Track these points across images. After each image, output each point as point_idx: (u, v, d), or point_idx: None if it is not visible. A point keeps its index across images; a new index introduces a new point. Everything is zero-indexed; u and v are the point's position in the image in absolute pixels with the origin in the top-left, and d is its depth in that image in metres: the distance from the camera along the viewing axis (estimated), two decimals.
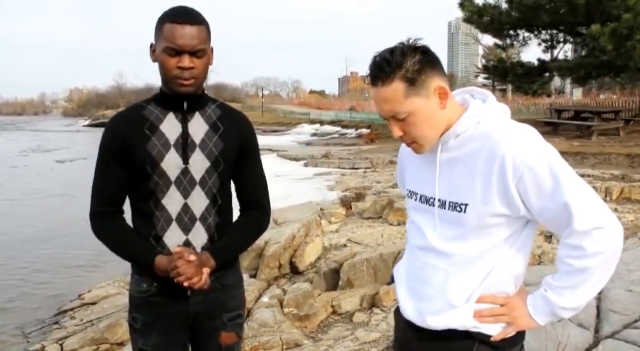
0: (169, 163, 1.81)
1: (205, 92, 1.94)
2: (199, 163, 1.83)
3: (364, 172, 14.46)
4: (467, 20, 21.68)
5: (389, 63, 1.39)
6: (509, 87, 36.54)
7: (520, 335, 1.54)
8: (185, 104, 1.85)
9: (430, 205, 1.54)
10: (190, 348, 2.01)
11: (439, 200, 1.50)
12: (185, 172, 1.82)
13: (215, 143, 1.86)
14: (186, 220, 1.84)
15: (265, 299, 5.21)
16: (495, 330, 1.50)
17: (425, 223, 1.56)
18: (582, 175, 8.24)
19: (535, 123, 18.11)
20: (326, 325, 4.88)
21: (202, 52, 1.76)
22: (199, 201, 1.84)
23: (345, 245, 6.88)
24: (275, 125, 43.25)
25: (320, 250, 6.82)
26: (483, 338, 1.50)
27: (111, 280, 5.90)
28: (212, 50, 1.84)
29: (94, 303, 5.51)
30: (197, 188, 1.84)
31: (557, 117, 19.74)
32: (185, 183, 1.83)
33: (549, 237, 6.50)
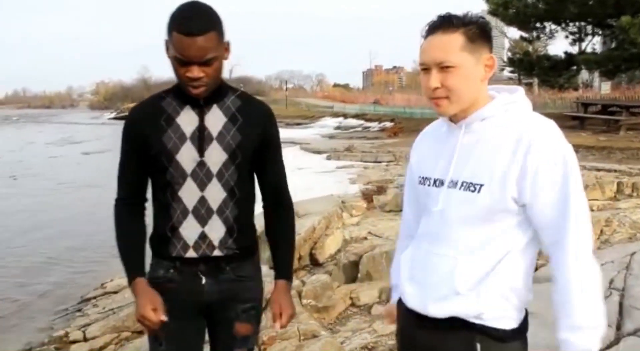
0: (185, 156, 1.81)
1: (225, 81, 1.90)
2: (216, 156, 1.82)
3: (387, 165, 14.42)
4: (492, 12, 21.44)
5: (457, 18, 1.45)
6: (535, 80, 35.99)
7: (523, 327, 1.51)
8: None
9: (440, 186, 1.53)
10: (208, 337, 2.02)
11: (452, 181, 1.49)
12: (201, 164, 1.82)
13: (233, 135, 1.83)
14: (203, 212, 1.84)
15: None
16: (501, 323, 1.46)
17: (432, 207, 1.54)
18: (608, 171, 8.14)
19: (561, 117, 17.91)
20: (344, 317, 4.89)
21: (212, 60, 1.71)
22: (216, 194, 1.84)
23: (365, 238, 6.87)
24: (298, 118, 43.35)
25: (340, 243, 6.82)
26: (486, 331, 1.46)
27: None
28: (227, 45, 1.79)
29: (115, 292, 5.60)
30: (214, 181, 1.83)
31: (583, 111, 19.41)
32: (202, 175, 1.83)
33: None
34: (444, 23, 1.44)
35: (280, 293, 1.94)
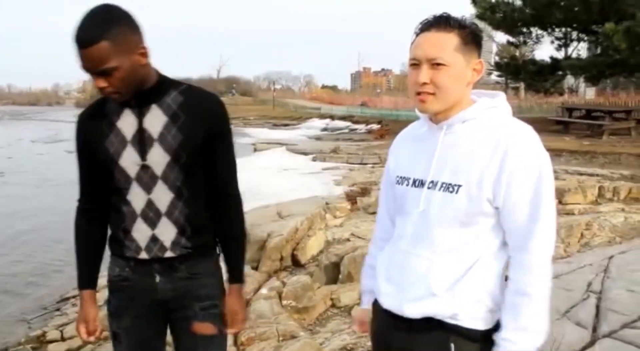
0: (127, 161, 1.78)
1: (166, 77, 1.84)
2: (159, 158, 1.78)
3: (372, 167, 14.43)
4: (479, 16, 21.52)
5: (454, 19, 1.48)
6: (522, 85, 36.29)
7: (496, 328, 1.51)
8: (133, 101, 1.77)
9: (420, 186, 1.54)
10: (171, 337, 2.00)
11: (432, 181, 1.51)
12: (144, 168, 1.78)
13: (175, 135, 1.77)
14: (151, 215, 1.82)
15: (264, 291, 5.23)
16: (474, 324, 1.48)
17: (412, 208, 1.55)
18: (590, 175, 8.18)
19: (546, 122, 18.09)
20: (324, 318, 4.90)
21: (110, 70, 1.62)
22: (162, 196, 1.81)
23: (348, 239, 6.88)
24: (286, 119, 43.25)
25: (322, 244, 6.83)
26: (460, 331, 1.48)
27: None
28: (141, 50, 1.69)
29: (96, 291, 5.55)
30: (160, 183, 1.80)
31: (568, 116, 19.59)
32: (146, 179, 1.79)
33: None
34: (441, 22, 1.46)
35: (231, 298, 1.91)
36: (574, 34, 22.87)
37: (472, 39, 1.48)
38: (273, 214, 7.50)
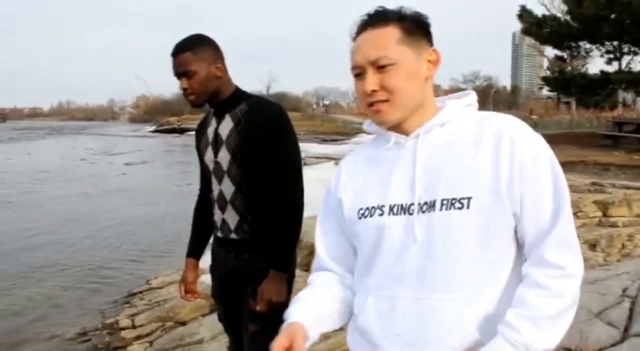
0: (207, 158, 2.27)
1: (241, 92, 2.26)
2: (224, 157, 2.19)
3: None
4: (526, 31, 21.43)
5: (391, 11, 1.26)
6: (573, 100, 35.61)
7: None
8: (212, 110, 2.28)
9: (401, 213, 1.24)
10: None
11: (425, 203, 1.21)
12: (217, 164, 2.22)
13: (234, 138, 2.16)
14: (221, 202, 2.24)
15: None
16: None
17: (397, 240, 1.24)
18: (637, 189, 8.07)
19: (595, 136, 17.77)
20: None
21: (189, 73, 2.12)
22: (228, 188, 2.21)
23: None
24: (334, 134, 43.62)
25: None
26: None
27: (175, 269, 6.44)
28: (217, 64, 2.18)
29: (160, 288, 6.03)
30: (226, 177, 2.20)
31: (617, 130, 19.22)
32: (218, 173, 2.23)
33: (593, 246, 6.55)
34: (376, 17, 1.25)
35: (267, 282, 2.12)
36: (625, 48, 22.34)
37: (416, 27, 1.25)
38: None
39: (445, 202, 1.18)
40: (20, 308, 5.85)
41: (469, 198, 1.17)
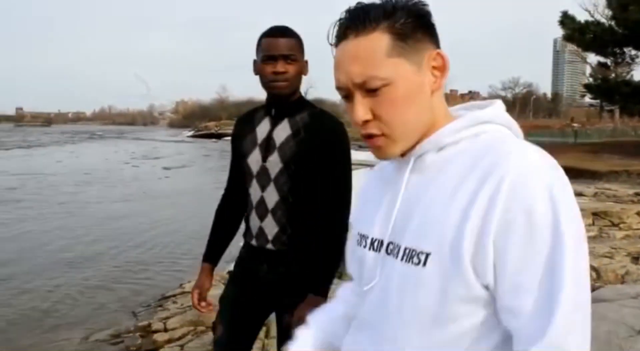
0: (252, 159, 2.14)
1: (305, 99, 2.17)
2: (274, 163, 2.08)
3: None
4: (567, 38, 21.06)
5: (375, 7, 0.95)
6: (617, 107, 34.72)
7: None
8: (273, 111, 2.14)
9: (377, 249, 1.04)
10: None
11: (392, 243, 1.00)
12: (263, 168, 2.11)
13: (291, 147, 2.06)
14: (261, 210, 2.13)
15: None
16: None
17: (369, 281, 1.04)
18: None
19: (637, 145, 17.16)
20: None
21: (293, 57, 2.03)
22: (271, 196, 2.10)
23: None
24: None
25: None
26: None
27: None
28: (306, 62, 2.12)
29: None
30: (272, 185, 2.10)
31: None
32: (263, 178, 2.11)
33: (635, 258, 6.37)
34: (357, 19, 0.95)
35: (303, 305, 1.99)
36: None
37: (412, 25, 0.94)
38: None
39: (407, 251, 0.95)
40: (60, 306, 6.01)
41: (427, 255, 0.91)
